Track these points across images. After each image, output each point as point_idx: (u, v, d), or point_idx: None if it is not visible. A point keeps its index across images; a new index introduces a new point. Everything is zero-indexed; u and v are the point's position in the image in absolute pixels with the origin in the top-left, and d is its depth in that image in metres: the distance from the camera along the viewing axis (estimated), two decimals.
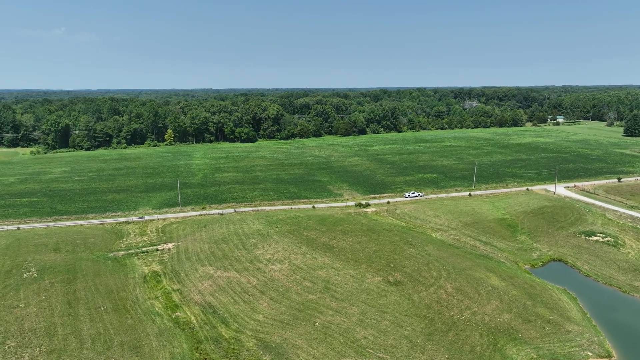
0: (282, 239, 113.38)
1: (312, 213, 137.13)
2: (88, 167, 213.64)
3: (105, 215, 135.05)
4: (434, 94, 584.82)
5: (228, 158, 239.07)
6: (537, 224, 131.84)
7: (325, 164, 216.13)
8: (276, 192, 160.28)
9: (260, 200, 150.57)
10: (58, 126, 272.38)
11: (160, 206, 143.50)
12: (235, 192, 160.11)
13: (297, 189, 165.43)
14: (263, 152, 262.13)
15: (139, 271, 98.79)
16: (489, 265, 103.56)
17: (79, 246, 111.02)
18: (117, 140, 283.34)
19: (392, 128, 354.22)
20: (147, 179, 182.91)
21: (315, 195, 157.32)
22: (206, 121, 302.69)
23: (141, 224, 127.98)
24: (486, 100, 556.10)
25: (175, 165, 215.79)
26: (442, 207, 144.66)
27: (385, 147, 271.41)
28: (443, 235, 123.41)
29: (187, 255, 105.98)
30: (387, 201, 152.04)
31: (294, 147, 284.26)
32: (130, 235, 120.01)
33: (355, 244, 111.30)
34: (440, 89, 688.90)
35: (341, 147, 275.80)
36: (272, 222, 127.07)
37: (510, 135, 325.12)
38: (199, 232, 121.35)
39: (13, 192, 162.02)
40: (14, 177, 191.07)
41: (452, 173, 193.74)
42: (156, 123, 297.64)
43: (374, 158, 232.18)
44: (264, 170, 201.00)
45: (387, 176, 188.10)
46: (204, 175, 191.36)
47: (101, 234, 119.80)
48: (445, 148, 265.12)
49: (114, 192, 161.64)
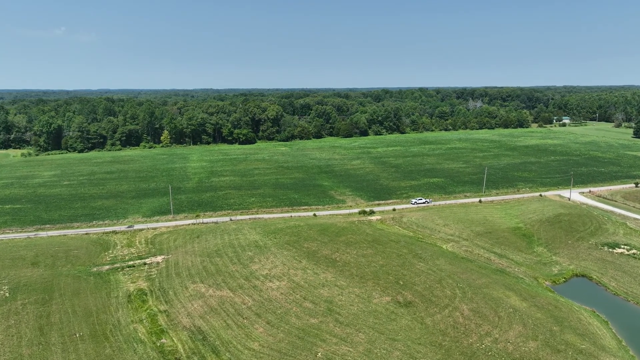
0: (281, 252, 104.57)
1: (313, 222, 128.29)
2: (79, 170, 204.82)
3: (92, 223, 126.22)
4: (436, 94, 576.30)
5: (225, 161, 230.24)
6: (554, 234, 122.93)
7: (327, 168, 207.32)
8: (275, 198, 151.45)
9: (258, 207, 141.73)
10: (50, 127, 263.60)
11: (151, 214, 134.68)
12: (231, 198, 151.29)
13: (297, 195, 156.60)
14: (262, 154, 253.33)
15: (124, 289, 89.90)
16: (507, 282, 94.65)
17: (60, 259, 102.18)
18: (111, 142, 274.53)
19: (394, 129, 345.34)
20: (139, 184, 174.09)
21: (317, 202, 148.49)
22: (203, 122, 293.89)
23: (130, 234, 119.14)
24: (489, 100, 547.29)
25: (170, 169, 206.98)
26: (451, 215, 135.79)
27: (389, 149, 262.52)
28: (454, 246, 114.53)
29: (177, 271, 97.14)
30: (392, 208, 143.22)
31: (294, 149, 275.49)
32: (117, 246, 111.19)
33: (360, 258, 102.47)
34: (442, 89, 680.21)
35: (343, 149, 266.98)
36: (271, 232, 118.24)
37: (516, 137, 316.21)
38: (191, 243, 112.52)
39: None
40: (0, 181, 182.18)
41: (459, 177, 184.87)
42: (152, 124, 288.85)
43: (377, 161, 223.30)
44: (262, 174, 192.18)
45: (391, 181, 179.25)
46: (200, 179, 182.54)
47: (85, 245, 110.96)
48: (451, 150, 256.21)
49: (103, 198, 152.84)
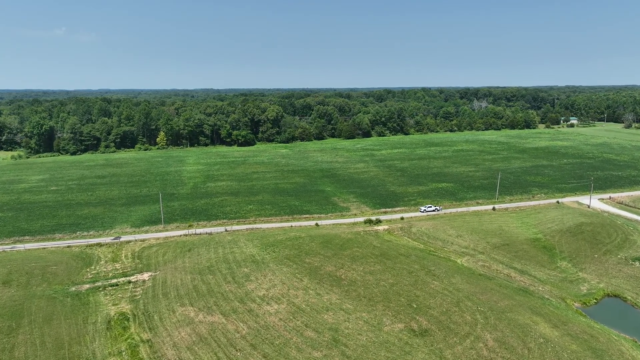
0: (280, 268, 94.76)
1: (315, 232, 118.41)
2: (69, 174, 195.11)
3: (76, 235, 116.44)
4: (439, 94, 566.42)
5: (223, 164, 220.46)
6: (577, 246, 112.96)
7: (329, 171, 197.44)
8: (274, 206, 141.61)
9: (256, 216, 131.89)
10: (41, 129, 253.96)
11: (141, 223, 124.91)
12: (228, 206, 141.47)
13: (298, 202, 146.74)
14: (261, 156, 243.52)
15: (104, 313, 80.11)
16: (533, 305, 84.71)
17: (36, 277, 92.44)
18: (105, 144, 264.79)
19: (398, 130, 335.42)
20: (130, 189, 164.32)
21: (319, 210, 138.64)
22: (201, 123, 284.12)
23: (115, 247, 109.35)
24: (493, 100, 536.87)
25: (165, 173, 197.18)
26: (464, 225, 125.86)
27: (393, 152, 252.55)
28: (470, 261, 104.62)
29: (165, 290, 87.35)
30: (400, 217, 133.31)
31: (294, 151, 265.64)
32: (100, 261, 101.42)
33: (367, 275, 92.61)
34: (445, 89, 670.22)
35: (345, 152, 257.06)
36: (269, 245, 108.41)
37: (524, 139, 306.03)
38: (181, 257, 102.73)
39: None
40: None
41: (469, 182, 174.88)
42: (148, 125, 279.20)
43: (381, 164, 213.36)
44: (261, 179, 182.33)
45: (398, 186, 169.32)
46: (195, 184, 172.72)
47: (66, 260, 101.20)
48: (458, 153, 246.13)
49: (91, 205, 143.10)
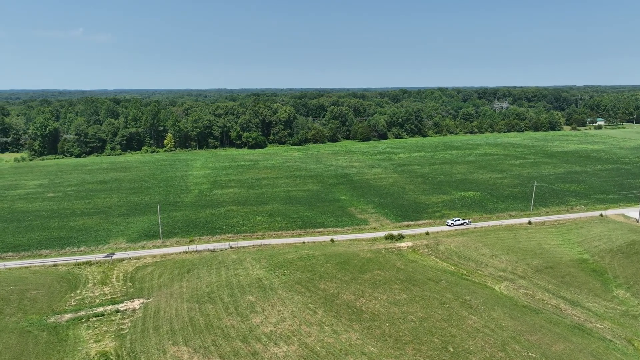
0: (291, 296, 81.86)
1: (330, 250, 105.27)
2: (69, 179, 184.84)
3: (65, 250, 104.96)
4: (457, 94, 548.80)
5: (232, 168, 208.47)
6: (634, 270, 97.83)
7: (344, 177, 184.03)
8: (285, 217, 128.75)
9: (265, 229, 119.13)
10: (45, 130, 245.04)
11: (138, 237, 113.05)
12: (234, 217, 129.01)
13: (311, 213, 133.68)
14: (272, 160, 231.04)
15: (82, 352, 67.97)
16: (594, 350, 70.36)
17: (12, 304, 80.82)
18: (110, 146, 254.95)
19: (416, 132, 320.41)
20: (131, 197, 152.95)
21: (334, 222, 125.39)
22: (210, 124, 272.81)
23: (107, 266, 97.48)
24: (513, 101, 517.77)
25: (169, 178, 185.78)
26: (498, 242, 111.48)
27: (412, 156, 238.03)
28: (510, 287, 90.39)
29: (157, 323, 74.95)
30: (425, 231, 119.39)
31: (307, 154, 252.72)
32: (87, 284, 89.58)
33: (392, 307, 79.17)
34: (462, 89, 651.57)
35: (361, 155, 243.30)
36: (278, 266, 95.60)
37: (551, 141, 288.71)
38: (179, 281, 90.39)
39: None
40: None
41: (498, 190, 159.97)
42: (155, 127, 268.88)
43: (400, 169, 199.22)
44: (271, 185, 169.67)
45: (420, 194, 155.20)
46: (200, 191, 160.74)
47: (49, 282, 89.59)
48: (482, 157, 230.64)
49: (86, 214, 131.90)
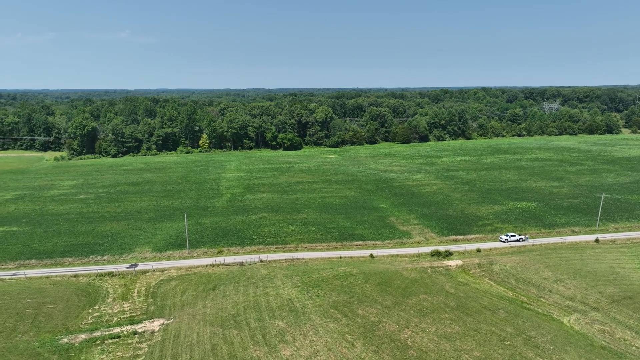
0: (325, 324, 72.22)
1: (370, 267, 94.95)
2: (102, 180, 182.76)
3: (88, 259, 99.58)
4: (501, 94, 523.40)
5: (266, 171, 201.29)
6: None
7: (384, 183, 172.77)
8: (320, 227, 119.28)
9: (298, 240, 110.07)
10: (84, 129, 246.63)
11: (164, 246, 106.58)
12: (266, 225, 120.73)
13: (348, 222, 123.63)
14: (308, 163, 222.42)
15: None
16: None
17: (26, 320, 75.23)
18: (146, 146, 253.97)
19: (459, 134, 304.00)
20: (162, 200, 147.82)
21: (374, 234, 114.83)
22: (245, 125, 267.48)
23: (129, 279, 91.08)
24: (563, 101, 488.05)
25: (202, 181, 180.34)
26: (562, 264, 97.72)
27: (456, 160, 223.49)
28: (581, 322, 77.05)
29: (176, 350, 67.09)
30: (476, 248, 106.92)
31: (344, 156, 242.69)
32: (107, 298, 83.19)
33: (442, 342, 68.08)
34: (507, 88, 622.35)
35: (401, 158, 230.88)
36: (312, 285, 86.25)
37: (610, 146, 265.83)
38: (203, 299, 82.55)
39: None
40: (14, 192, 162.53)
41: (555, 201, 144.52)
42: (191, 127, 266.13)
43: (444, 175, 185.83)
44: (306, 190, 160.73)
45: (467, 204, 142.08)
46: (232, 196, 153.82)
47: (68, 295, 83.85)
48: (534, 163, 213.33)
49: (115, 219, 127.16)
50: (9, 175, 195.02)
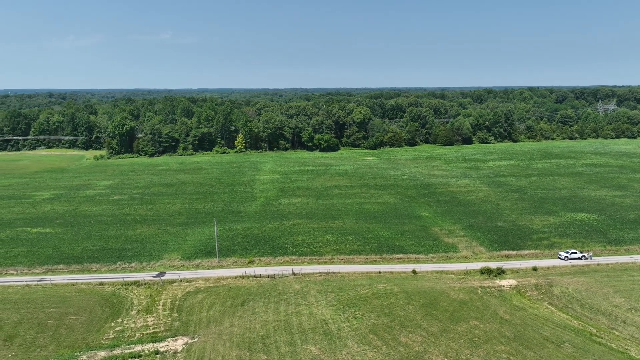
0: (363, 351, 64.36)
1: (412, 286, 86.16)
2: (137, 180, 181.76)
3: (115, 266, 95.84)
4: (549, 94, 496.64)
5: (301, 173, 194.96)
6: None
7: (425, 189, 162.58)
8: (358, 237, 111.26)
9: (334, 252, 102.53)
10: (122, 129, 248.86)
11: (193, 254, 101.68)
12: (300, 233, 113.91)
13: (388, 232, 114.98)
14: (345, 165, 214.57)
15: None
16: None
17: (47, 332, 71.40)
18: (183, 146, 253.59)
19: (505, 137, 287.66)
20: (194, 203, 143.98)
21: (416, 246, 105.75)
22: (281, 125, 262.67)
23: (155, 289, 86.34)
24: (619, 102, 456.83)
25: (236, 183, 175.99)
26: (636, 288, 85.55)
27: (503, 164, 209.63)
28: None
29: None
30: (532, 265, 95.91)
31: (382, 159, 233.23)
32: (131, 311, 78.52)
33: None
34: (556, 88, 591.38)
35: (443, 162, 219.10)
36: (349, 304, 78.49)
37: None
38: (230, 316, 76.39)
39: (32, 216, 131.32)
40: (52, 191, 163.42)
41: (619, 213, 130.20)
42: (227, 127, 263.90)
43: (491, 181, 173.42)
44: (343, 196, 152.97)
45: (518, 214, 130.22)
46: (266, 200, 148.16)
47: (92, 305, 79.80)
48: (590, 168, 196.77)
49: (146, 222, 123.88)
50: (50, 174, 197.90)
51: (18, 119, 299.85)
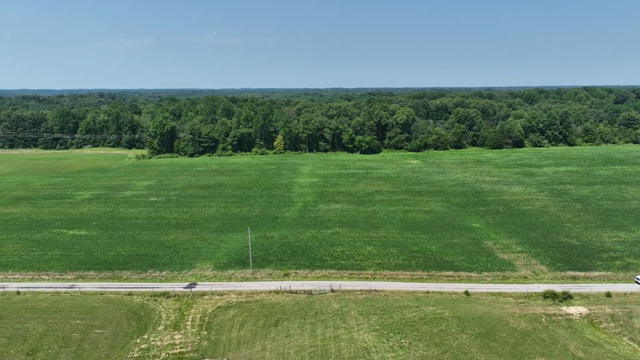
0: None
1: (465, 310, 76.61)
2: (175, 181, 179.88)
3: (146, 274, 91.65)
4: (608, 94, 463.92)
5: (341, 177, 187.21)
6: None
7: (475, 196, 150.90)
8: (402, 250, 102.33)
9: (377, 266, 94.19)
10: (164, 129, 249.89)
11: (227, 263, 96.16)
12: (339, 244, 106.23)
13: (435, 245, 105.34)
14: (387, 169, 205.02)
15: None
16: None
17: (70, 347, 67.30)
18: (222, 146, 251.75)
19: (560, 140, 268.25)
20: (230, 207, 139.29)
21: (467, 263, 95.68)
22: (321, 126, 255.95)
23: (185, 302, 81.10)
24: None
25: (274, 186, 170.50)
26: None
27: (560, 170, 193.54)
28: None
29: None
30: (605, 291, 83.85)
31: (427, 162, 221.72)
32: (158, 326, 73.42)
33: None
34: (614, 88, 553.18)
35: (493, 167, 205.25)
36: (394, 329, 70.11)
37: None
38: (262, 338, 69.73)
39: (70, 217, 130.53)
40: (92, 191, 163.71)
41: None
42: (266, 127, 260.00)
43: (549, 189, 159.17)
44: (385, 202, 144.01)
45: (583, 228, 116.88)
46: (304, 205, 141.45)
47: (119, 318, 75.39)
48: None
49: (180, 227, 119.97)
50: (92, 174, 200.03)
51: (67, 118, 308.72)
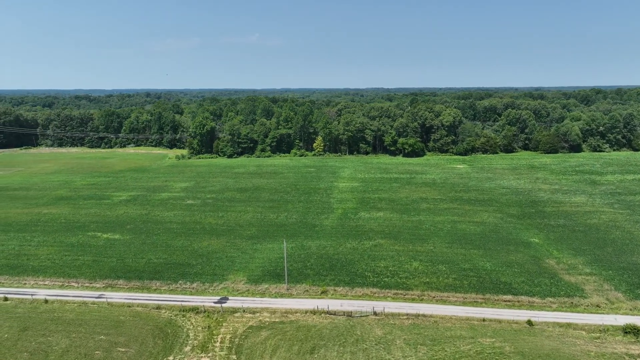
0: None
1: (530, 344, 66.31)
2: (212, 184, 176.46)
3: (176, 285, 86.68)
4: None
5: (383, 182, 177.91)
6: None
7: (531, 206, 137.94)
8: (452, 267, 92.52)
9: (424, 286, 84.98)
10: (203, 129, 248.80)
11: (261, 275, 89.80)
12: (382, 258, 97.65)
13: (489, 263, 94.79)
14: (431, 173, 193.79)
15: None
16: None
17: None
18: (261, 147, 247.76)
19: (623, 144, 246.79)
20: (267, 213, 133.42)
21: (528, 285, 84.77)
22: (363, 128, 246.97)
23: (214, 319, 75.11)
24: None
25: (312, 190, 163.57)
26: None
27: (627, 179, 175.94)
28: None
29: None
30: None
31: (475, 167, 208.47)
32: (185, 347, 67.68)
33: None
34: None
35: (549, 173, 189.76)
36: None
37: None
38: None
39: (106, 219, 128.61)
40: (130, 192, 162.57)
41: None
42: (306, 128, 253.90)
43: (616, 200, 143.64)
44: (431, 211, 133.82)
45: None
46: (344, 212, 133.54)
47: (144, 335, 70.30)
48: None
49: (214, 233, 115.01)
50: (132, 174, 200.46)
51: (112, 118, 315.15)
